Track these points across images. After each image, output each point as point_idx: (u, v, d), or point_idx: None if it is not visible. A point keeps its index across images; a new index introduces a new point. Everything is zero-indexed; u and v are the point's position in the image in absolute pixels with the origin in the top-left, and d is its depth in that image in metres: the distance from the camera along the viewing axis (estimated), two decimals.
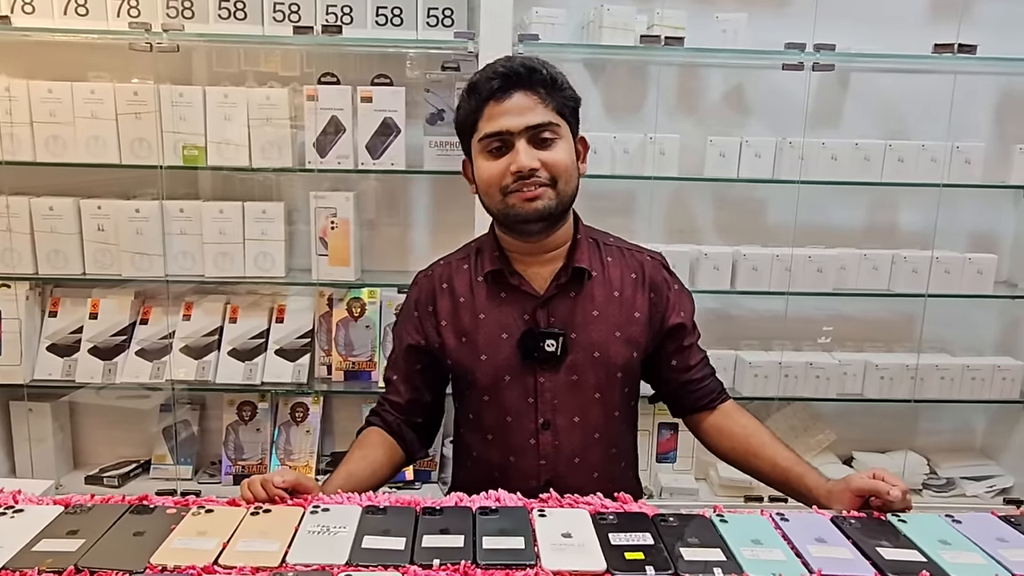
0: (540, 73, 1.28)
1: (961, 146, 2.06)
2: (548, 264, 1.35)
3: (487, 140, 1.27)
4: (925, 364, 2.16)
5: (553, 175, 1.27)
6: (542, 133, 1.26)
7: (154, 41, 1.93)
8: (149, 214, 2.04)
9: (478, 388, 1.36)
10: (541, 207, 1.27)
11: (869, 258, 2.12)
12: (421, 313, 1.39)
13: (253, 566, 0.96)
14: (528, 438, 1.34)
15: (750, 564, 1.01)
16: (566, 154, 1.29)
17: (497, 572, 0.97)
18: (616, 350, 1.35)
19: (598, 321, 1.34)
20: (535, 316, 1.33)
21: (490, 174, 1.28)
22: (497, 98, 1.26)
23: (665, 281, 1.41)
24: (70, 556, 0.97)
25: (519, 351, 1.32)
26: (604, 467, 1.38)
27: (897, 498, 1.16)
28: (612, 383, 1.36)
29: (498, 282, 1.35)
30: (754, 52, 2.02)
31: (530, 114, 1.26)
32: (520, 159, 1.25)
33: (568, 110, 1.31)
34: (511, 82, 1.26)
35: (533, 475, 1.34)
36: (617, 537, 1.07)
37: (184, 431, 2.22)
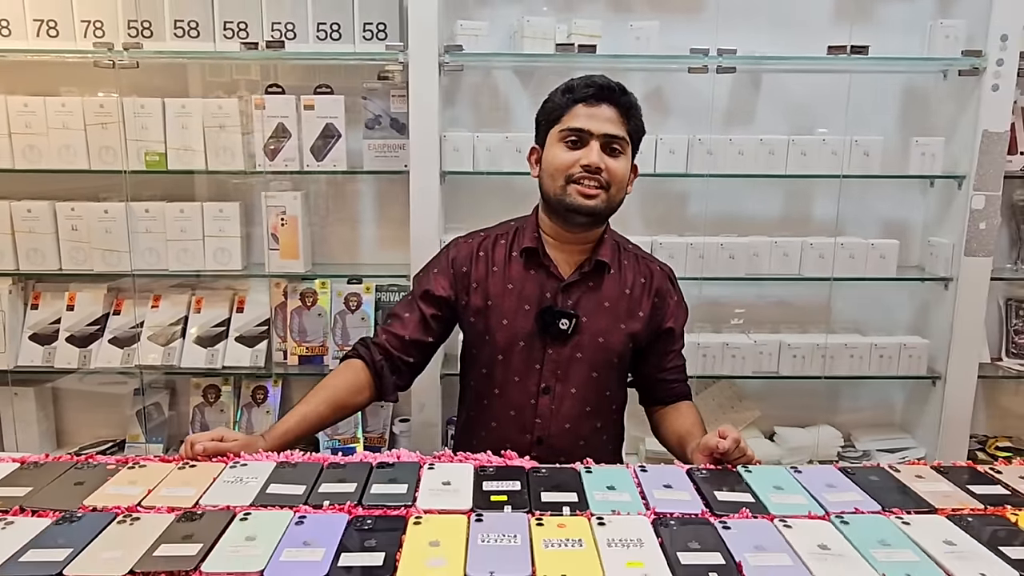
0: (628, 97, 1.50)
1: (859, 140, 2.21)
2: (576, 254, 1.56)
3: (568, 132, 1.48)
4: (835, 343, 2.31)
5: (610, 181, 1.48)
6: (613, 143, 1.48)
7: (116, 59, 2.11)
8: (117, 215, 2.23)
9: (495, 347, 1.56)
10: (593, 205, 1.48)
11: (779, 245, 2.27)
12: (456, 272, 1.59)
13: (169, 506, 1.15)
14: (529, 398, 1.56)
15: (597, 504, 1.18)
16: (625, 169, 1.51)
17: (376, 511, 1.15)
18: (617, 339, 1.56)
19: (607, 311, 1.56)
20: (555, 296, 1.54)
21: (561, 161, 1.48)
22: (588, 103, 1.47)
23: (669, 291, 1.63)
24: (17, 500, 1.15)
25: (537, 323, 1.53)
26: (589, 438, 1.60)
27: (727, 448, 1.33)
28: (609, 367, 1.58)
29: (530, 260, 1.56)
30: (662, 57, 2.18)
31: (611, 125, 1.47)
32: (592, 156, 1.45)
33: (636, 136, 1.53)
34: (604, 94, 1.48)
35: (528, 430, 1.56)
36: (490, 484, 1.23)
37: (156, 413, 2.41)
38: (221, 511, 1.14)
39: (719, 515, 1.16)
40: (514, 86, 2.31)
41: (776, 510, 1.19)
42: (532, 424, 1.56)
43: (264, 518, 1.12)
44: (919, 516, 1.17)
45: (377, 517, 1.13)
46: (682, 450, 1.53)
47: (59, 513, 1.12)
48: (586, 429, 1.59)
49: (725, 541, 1.08)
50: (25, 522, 1.10)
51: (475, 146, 2.19)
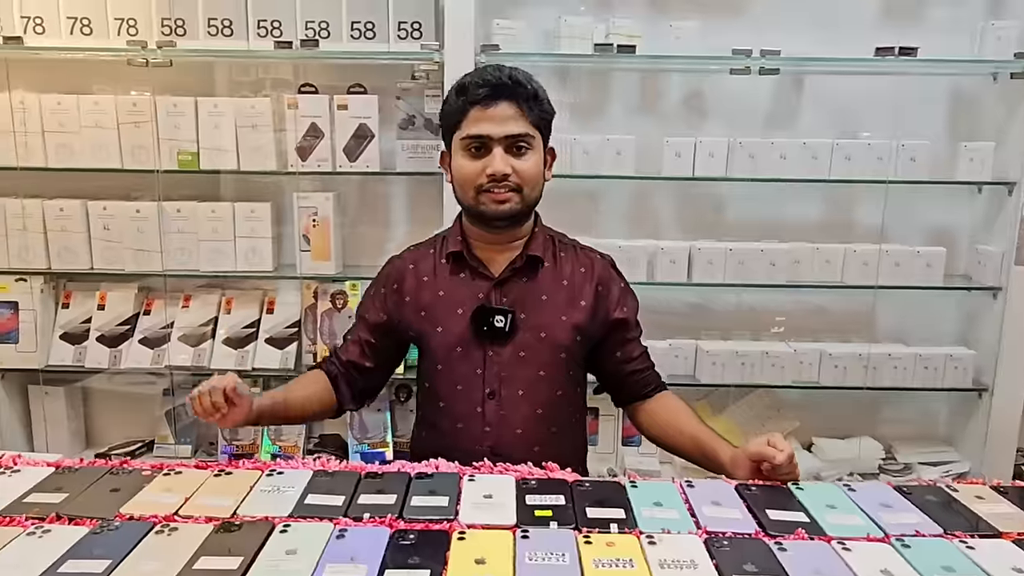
0: (525, 88, 1.41)
1: (906, 144, 2.14)
2: (506, 252, 1.49)
3: (468, 140, 1.40)
4: (878, 353, 2.25)
5: (521, 183, 1.40)
6: (518, 143, 1.40)
7: (150, 57, 2.10)
8: (149, 214, 2.22)
9: (433, 358, 1.49)
10: (507, 209, 1.41)
11: (821, 251, 2.22)
12: (387, 291, 1.53)
13: (207, 516, 1.12)
14: (475, 406, 1.47)
15: (646, 522, 1.13)
16: (535, 165, 1.43)
17: (417, 524, 1.12)
18: (561, 332, 1.48)
19: (546, 305, 1.48)
20: (489, 295, 1.47)
21: (467, 172, 1.41)
22: (483, 104, 1.38)
23: (612, 279, 1.54)
24: (53, 506, 1.13)
25: (471, 325, 1.45)
26: (545, 443, 1.49)
27: (783, 462, 1.27)
28: (556, 363, 1.49)
29: (458, 263, 1.50)
30: (703, 58, 2.13)
31: (511, 124, 1.38)
32: (496, 164, 1.38)
33: (544, 123, 1.45)
34: (498, 92, 1.38)
35: (478, 440, 1.46)
36: (533, 498, 1.19)
37: (184, 414, 2.40)
38: (260, 522, 1.11)
39: (774, 535, 1.11)
40: (549, 86, 2.24)
41: (833, 531, 1.14)
42: (481, 433, 1.47)
43: (304, 530, 1.09)
44: (983, 540, 1.12)
45: (420, 531, 1.09)
46: (703, 457, 1.45)
47: (96, 521, 1.09)
48: (540, 434, 1.48)
49: (782, 564, 1.03)
50: (62, 530, 1.07)
51: None
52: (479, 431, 1.47)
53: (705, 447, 1.44)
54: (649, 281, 2.21)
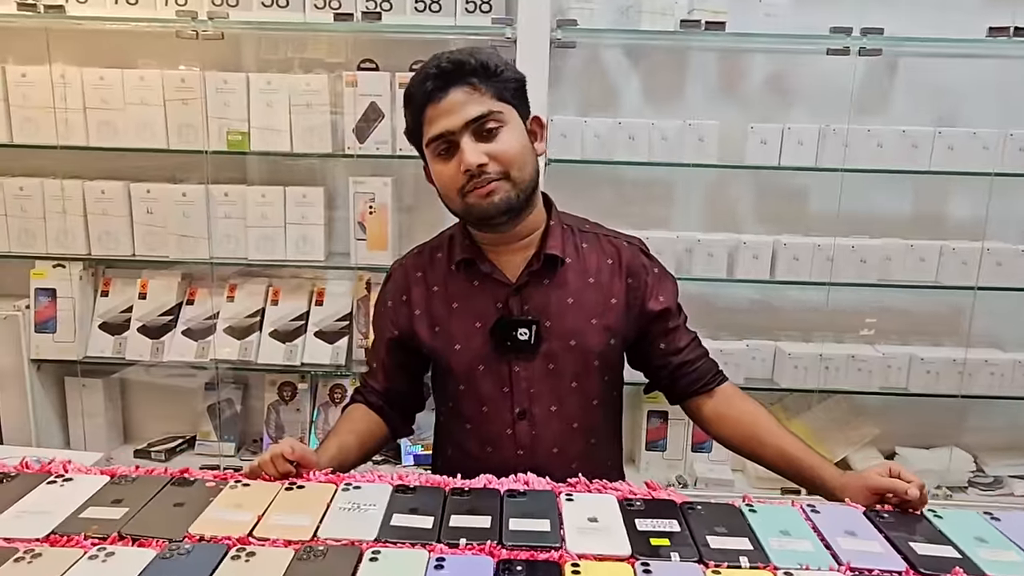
0: (468, 64, 1.23)
1: (1015, 134, 1.98)
2: (520, 252, 1.32)
3: (434, 144, 1.25)
4: (973, 359, 2.10)
5: (504, 166, 1.23)
6: (485, 124, 1.22)
7: (200, 29, 1.97)
8: (195, 198, 2.10)
9: (454, 377, 1.35)
10: (499, 201, 1.23)
11: (916, 249, 2.07)
12: (395, 304, 1.38)
13: (286, 539, 0.99)
14: (505, 428, 1.33)
15: (778, 555, 1.01)
16: (514, 142, 1.24)
17: (522, 553, 0.99)
18: (592, 337, 1.32)
19: (573, 308, 1.32)
20: (508, 304, 1.31)
21: (445, 177, 1.25)
22: (433, 101, 1.23)
23: (643, 266, 1.37)
24: (114, 523, 1.01)
25: (492, 340, 1.30)
26: (584, 457, 1.36)
27: (915, 497, 1.12)
28: (589, 371, 1.34)
29: (470, 271, 1.34)
30: (798, 36, 1.97)
31: (467, 108, 1.21)
32: (466, 157, 1.21)
33: (510, 93, 1.26)
34: (442, 81, 1.22)
35: (511, 466, 1.28)
36: (644, 523, 1.07)
37: (228, 409, 2.29)
38: (346, 547, 0.98)
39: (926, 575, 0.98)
40: (623, 66, 2.13)
41: (992, 569, 1.00)
42: (514, 457, 1.32)
43: (397, 558, 0.96)
44: None
45: (527, 562, 0.97)
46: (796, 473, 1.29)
47: (163, 543, 0.97)
48: (577, 449, 1.35)
49: None
50: (127, 553, 0.95)
51: (583, 132, 2.00)
52: (511, 454, 1.33)
53: (800, 465, 1.28)
54: (728, 277, 2.06)
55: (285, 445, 1.18)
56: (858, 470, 1.25)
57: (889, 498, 1.15)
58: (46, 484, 1.12)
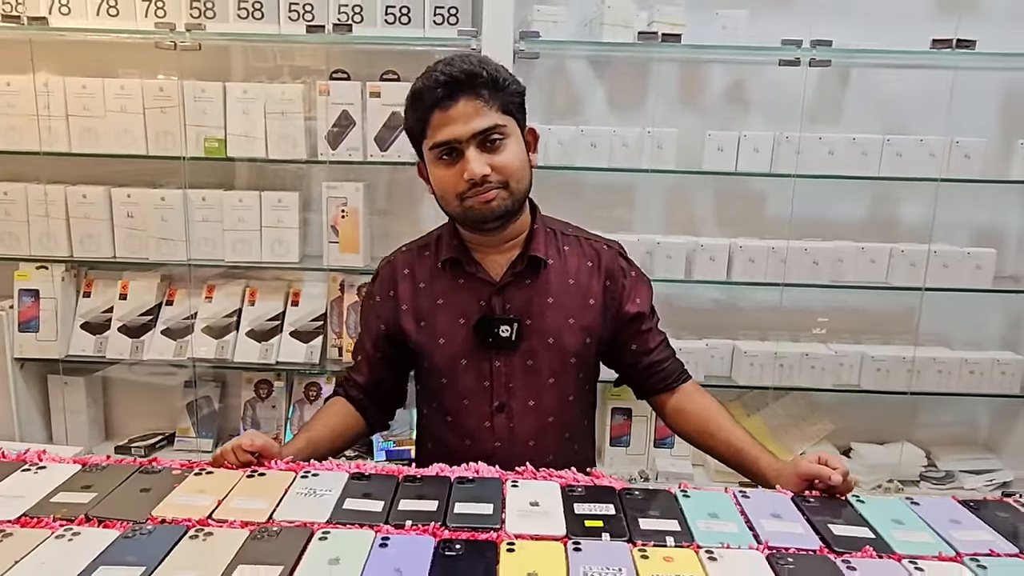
0: (481, 76, 1.27)
1: (960, 141, 2.07)
2: (505, 253, 1.39)
3: (438, 149, 1.28)
4: (922, 357, 2.18)
5: (505, 177, 1.28)
6: (490, 136, 1.27)
7: (178, 40, 2.04)
8: (173, 202, 2.17)
9: (436, 371, 1.40)
10: (497, 207, 1.29)
11: (866, 251, 2.15)
12: (383, 299, 1.44)
13: (243, 520, 1.06)
14: (483, 420, 1.39)
15: (703, 535, 1.07)
16: (516, 154, 1.30)
17: (463, 533, 1.06)
18: (570, 337, 1.38)
19: (553, 308, 1.38)
20: (491, 302, 1.37)
21: (445, 182, 1.30)
22: (443, 106, 1.26)
23: (621, 269, 1.43)
24: (82, 507, 1.07)
25: (475, 336, 1.36)
26: (558, 451, 1.41)
27: (838, 482, 1.19)
28: (566, 368, 1.40)
29: (456, 269, 1.39)
30: (751, 48, 2.05)
31: (476, 120, 1.26)
32: (472, 168, 1.25)
33: (514, 106, 1.32)
34: (454, 89, 1.26)
35: (487, 456, 1.32)
36: (582, 507, 1.13)
37: (206, 407, 2.35)
38: (298, 528, 1.05)
39: (840, 553, 1.05)
40: (587, 76, 2.20)
41: (901, 548, 1.06)
42: (492, 449, 1.38)
43: (345, 538, 1.03)
44: None
45: (466, 541, 1.03)
46: (740, 464, 1.37)
47: (127, 524, 1.04)
48: (552, 442, 1.41)
49: None
50: (92, 533, 1.01)
51: (547, 140, 2.08)
52: (489, 447, 1.39)
53: (744, 456, 1.36)
54: (687, 279, 2.14)
55: (246, 437, 1.25)
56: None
57: (817, 484, 1.22)
58: (21, 471, 1.18)
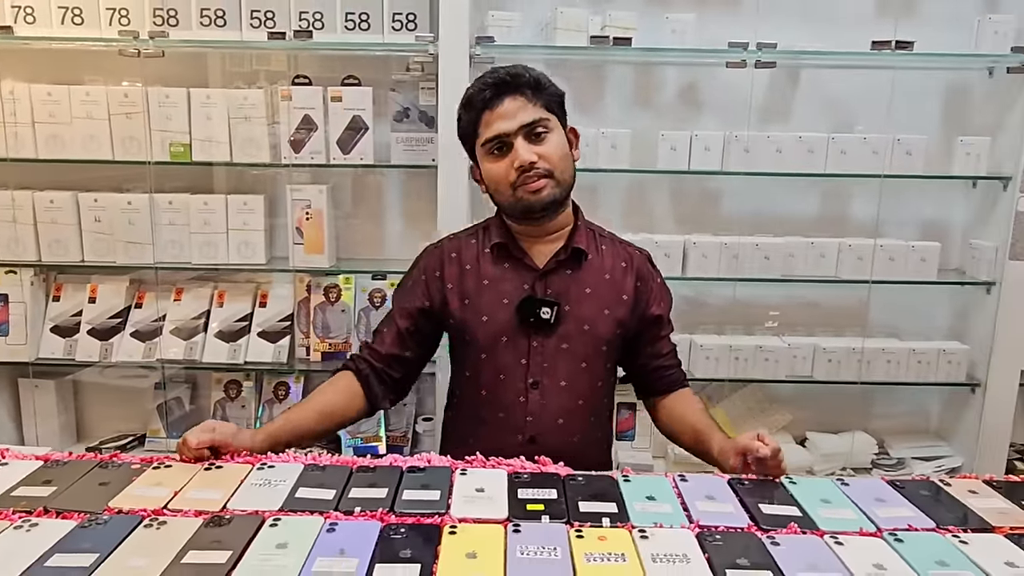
0: (523, 77, 1.44)
1: (902, 139, 2.14)
2: (549, 244, 1.51)
3: (489, 144, 1.44)
4: (872, 348, 2.25)
5: (550, 166, 1.42)
6: (535, 129, 1.42)
7: (142, 47, 2.07)
8: (140, 206, 2.20)
9: (477, 346, 1.50)
10: (546, 195, 1.43)
11: (816, 246, 2.21)
12: (428, 278, 1.54)
13: (196, 510, 1.11)
14: (518, 396, 1.49)
15: (638, 515, 1.13)
16: (559, 145, 1.45)
17: (409, 519, 1.11)
18: (604, 326, 1.50)
19: (590, 298, 1.50)
20: (534, 287, 1.49)
21: (497, 173, 1.44)
22: (491, 107, 1.42)
23: (650, 273, 1.57)
24: (41, 500, 1.12)
25: (517, 315, 1.47)
26: (584, 433, 1.53)
27: (766, 455, 1.27)
28: (598, 355, 1.51)
29: (503, 254, 1.52)
30: (699, 51, 2.11)
31: (521, 114, 1.41)
32: (520, 155, 1.40)
33: (555, 105, 1.47)
34: (499, 90, 1.42)
35: (519, 429, 1.49)
36: (525, 492, 1.19)
37: (176, 408, 2.39)
38: (250, 516, 1.10)
39: (766, 530, 1.11)
40: None
41: (825, 525, 1.13)
42: (523, 423, 1.49)
43: (294, 524, 1.08)
44: (976, 535, 1.12)
45: (410, 526, 1.09)
46: (698, 447, 1.48)
47: (84, 515, 1.08)
48: (579, 424, 1.52)
49: (775, 558, 1.03)
50: (49, 524, 1.06)
51: None
52: (521, 420, 1.49)
53: (700, 436, 1.47)
54: None
55: (200, 431, 1.30)
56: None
57: (749, 458, 1.30)
58: None
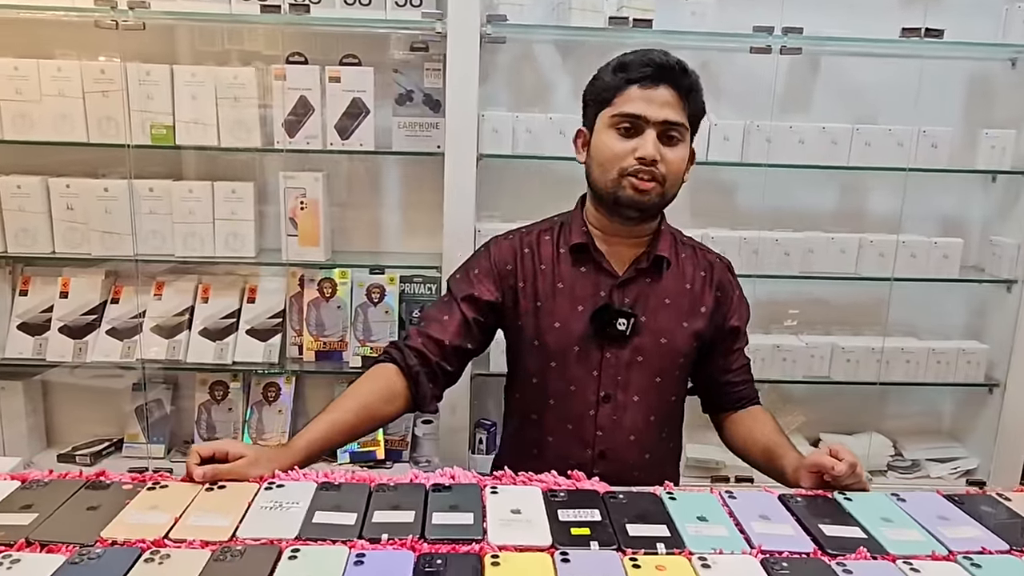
0: (690, 77, 1.33)
1: (928, 131, 2.07)
2: (630, 248, 1.41)
3: (620, 118, 1.31)
4: (891, 347, 2.18)
5: (666, 174, 1.32)
6: (671, 131, 1.31)
7: (120, 19, 1.90)
8: (118, 193, 2.03)
9: (547, 353, 1.41)
10: (647, 200, 1.32)
11: (836, 242, 2.14)
12: (500, 271, 1.43)
13: (203, 540, 0.98)
14: (588, 408, 1.40)
15: (693, 540, 1.04)
16: (683, 159, 1.35)
17: (443, 547, 0.99)
18: (682, 339, 1.41)
19: (668, 309, 1.41)
20: (611, 294, 1.39)
21: (613, 152, 1.32)
22: (644, 84, 1.30)
23: (731, 284, 1.49)
24: (22, 529, 0.98)
25: (592, 325, 1.38)
26: (655, 448, 1.45)
27: (842, 472, 1.19)
28: (673, 369, 1.43)
29: (580, 257, 1.41)
30: (722, 35, 2.01)
31: (669, 110, 1.30)
32: (648, 147, 1.29)
33: (696, 119, 1.37)
34: (663, 74, 1.30)
35: (588, 444, 1.41)
36: (566, 513, 1.09)
37: (157, 410, 2.23)
38: (264, 546, 0.97)
39: (834, 555, 1.02)
40: (554, 62, 2.14)
41: (894, 549, 1.05)
42: (593, 437, 1.41)
43: (316, 556, 0.96)
44: None
45: (447, 555, 0.97)
46: (771, 466, 1.38)
47: (73, 548, 0.95)
48: (652, 440, 1.44)
49: None
50: (33, 560, 0.92)
51: (515, 127, 2.02)
52: (590, 435, 1.41)
53: (772, 455, 1.38)
54: None
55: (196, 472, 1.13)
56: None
57: (825, 476, 1.21)
58: None
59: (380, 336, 2.12)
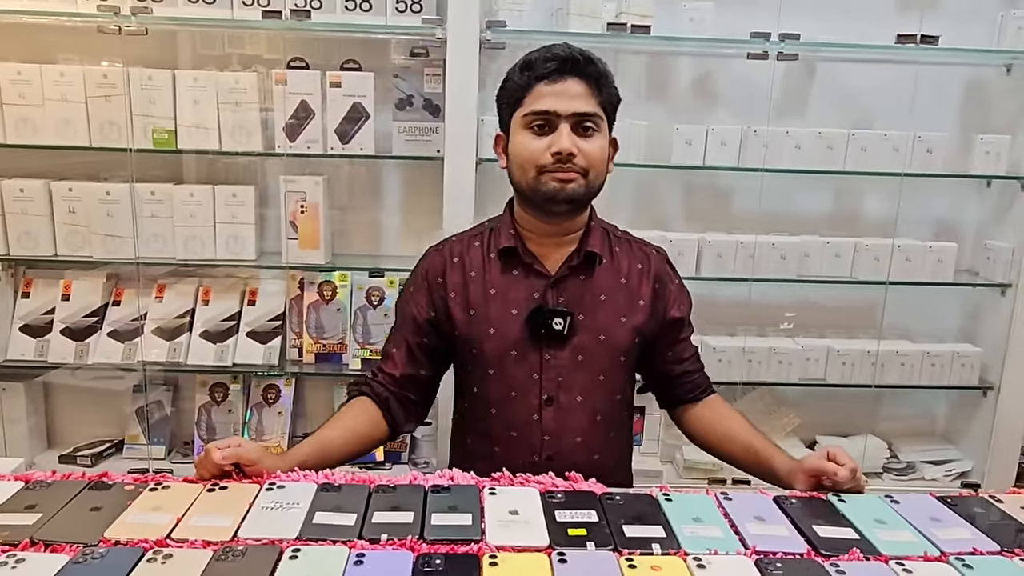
0: (596, 66, 1.31)
1: (923, 136, 2.09)
2: (561, 247, 1.39)
3: (532, 117, 1.30)
4: (885, 350, 2.20)
5: (587, 165, 1.30)
6: (585, 122, 1.30)
7: (123, 24, 1.92)
8: (120, 197, 2.05)
9: (484, 361, 1.38)
10: (571, 191, 1.30)
11: (832, 245, 2.16)
12: (431, 285, 1.41)
13: (204, 540, 0.99)
14: (531, 413, 1.37)
15: (689, 541, 1.05)
16: (601, 148, 1.33)
17: (442, 547, 1.01)
18: (620, 334, 1.39)
19: (605, 305, 1.38)
20: (545, 295, 1.36)
21: (529, 151, 1.30)
22: (551, 79, 1.28)
23: (668, 275, 1.46)
24: (26, 529, 1.00)
25: (527, 327, 1.35)
26: (603, 449, 1.42)
27: (844, 478, 1.19)
28: (616, 366, 1.40)
29: (511, 260, 1.39)
30: (719, 41, 2.03)
31: (579, 101, 1.29)
32: (562, 142, 1.27)
33: (611, 107, 1.35)
34: (567, 67, 1.29)
35: (535, 450, 1.37)
36: (563, 514, 1.10)
37: (157, 412, 2.24)
38: (265, 546, 0.99)
39: (827, 555, 1.04)
40: None
41: (887, 549, 1.06)
42: (539, 442, 1.37)
43: (316, 556, 0.97)
44: None
45: (446, 555, 0.99)
46: (758, 466, 1.37)
47: (77, 548, 0.96)
48: (598, 440, 1.40)
49: None
50: (38, 559, 0.94)
51: None
52: (536, 440, 1.38)
53: (760, 456, 1.36)
54: None
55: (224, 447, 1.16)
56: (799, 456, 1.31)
57: (824, 480, 1.21)
58: None
59: (379, 339, 2.14)
